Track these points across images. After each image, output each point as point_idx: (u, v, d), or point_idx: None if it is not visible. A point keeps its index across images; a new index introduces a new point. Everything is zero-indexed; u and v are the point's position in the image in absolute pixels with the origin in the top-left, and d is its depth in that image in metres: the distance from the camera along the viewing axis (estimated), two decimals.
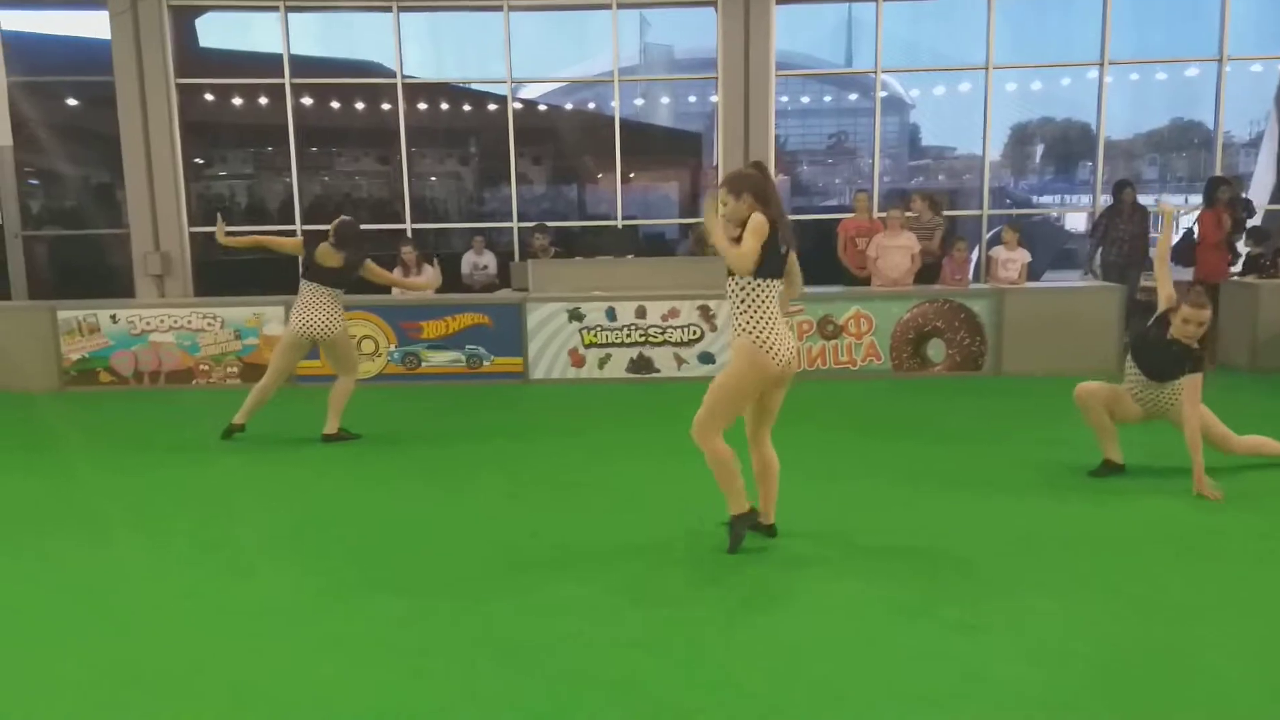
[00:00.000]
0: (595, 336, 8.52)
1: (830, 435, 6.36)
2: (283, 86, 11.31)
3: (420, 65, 12.10)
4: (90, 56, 11.23)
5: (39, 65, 11.37)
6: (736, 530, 4.13)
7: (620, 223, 11.62)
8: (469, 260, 10.43)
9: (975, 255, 11.06)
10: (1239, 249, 9.67)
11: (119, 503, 5.16)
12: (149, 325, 8.59)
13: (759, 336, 3.91)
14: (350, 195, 13.33)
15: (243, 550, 4.39)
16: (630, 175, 12.48)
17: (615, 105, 11.56)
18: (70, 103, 12.24)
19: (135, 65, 10.91)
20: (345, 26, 12.15)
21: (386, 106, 11.70)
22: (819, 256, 11.20)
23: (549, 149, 13.53)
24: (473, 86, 12.98)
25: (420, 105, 12.20)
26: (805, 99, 14.42)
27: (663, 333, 8.50)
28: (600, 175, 12.95)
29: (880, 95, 11.61)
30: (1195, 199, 11.48)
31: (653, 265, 9.93)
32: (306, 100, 11.73)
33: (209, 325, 8.59)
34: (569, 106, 13.73)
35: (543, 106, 13.62)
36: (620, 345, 8.53)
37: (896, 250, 9.11)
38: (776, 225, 3.84)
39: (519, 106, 11.99)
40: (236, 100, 12.04)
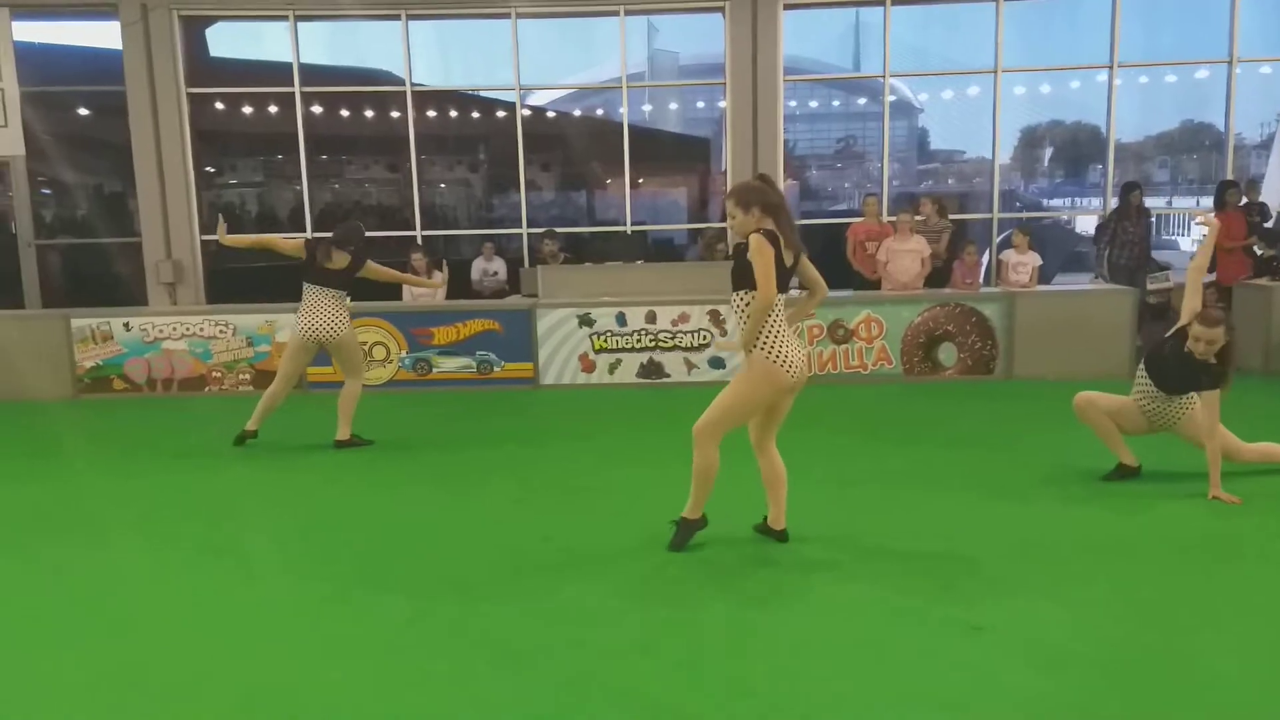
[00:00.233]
0: (605, 342, 8.53)
1: (841, 439, 6.35)
2: (293, 95, 11.36)
3: (429, 73, 12.15)
4: (102, 66, 11.31)
5: (51, 75, 11.47)
6: (683, 532, 4.28)
7: (629, 228, 11.63)
8: (479, 266, 10.46)
9: (986, 259, 11.04)
10: (1256, 251, 9.61)
11: (131, 508, 5.19)
12: (161, 333, 8.64)
13: (772, 350, 3.95)
14: (360, 203, 13.39)
15: (251, 555, 4.41)
16: (639, 181, 12.50)
17: (624, 111, 11.58)
18: (82, 112, 12.32)
19: (146, 75, 10.99)
20: (354, 35, 12.20)
21: (396, 114, 11.75)
22: (829, 261, 11.21)
23: (558, 155, 13.56)
24: (481, 94, 13.03)
25: (429, 113, 12.24)
26: (814, 103, 14.43)
27: (673, 338, 8.50)
28: (609, 181, 12.97)
29: (889, 99, 11.61)
30: (1206, 202, 11.45)
31: (662, 270, 9.95)
32: (316, 108, 11.78)
33: (221, 332, 8.63)
34: (577, 113, 13.76)
35: (551, 113, 13.65)
36: (630, 350, 8.53)
37: (906, 254, 9.09)
38: (779, 237, 3.88)
39: (527, 113, 12.02)
40: (247, 109, 12.11)
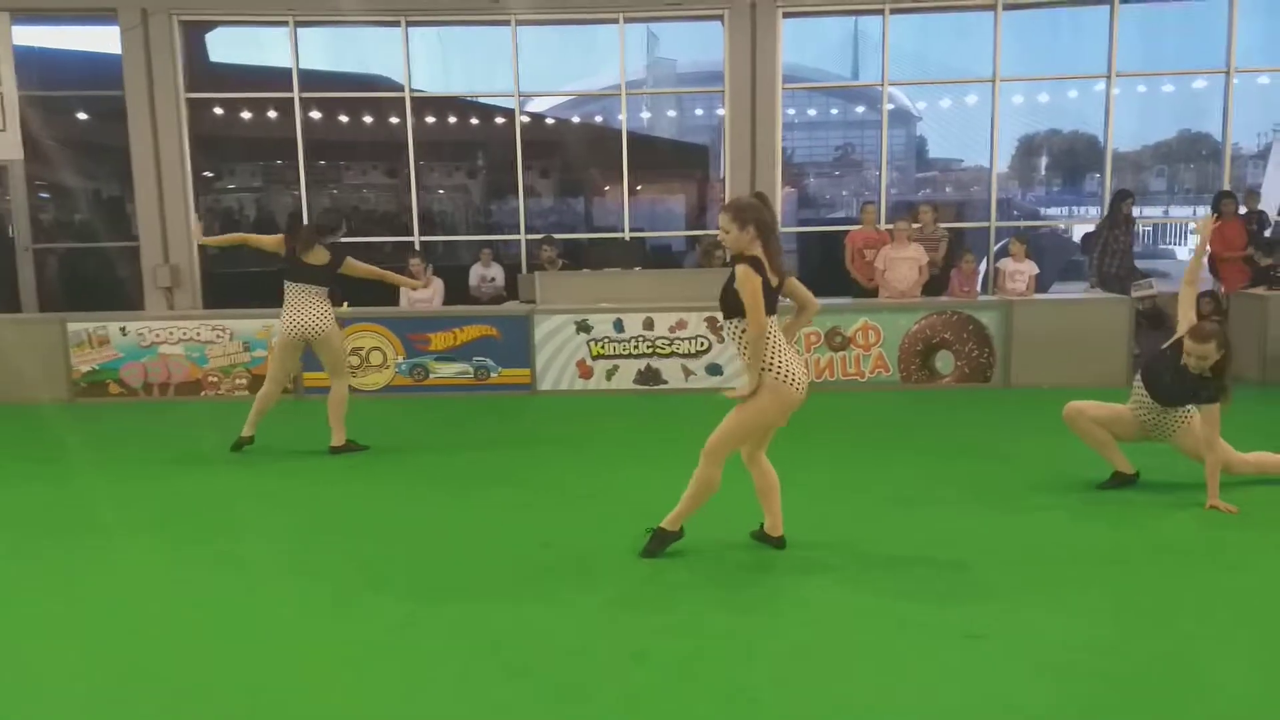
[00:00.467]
0: (603, 348, 8.52)
1: (838, 447, 6.34)
2: (291, 100, 11.37)
3: (428, 79, 12.16)
4: (101, 71, 11.32)
5: (50, 80, 11.47)
6: (659, 541, 4.27)
7: (627, 235, 11.64)
8: (476, 272, 10.46)
9: (983, 267, 11.05)
10: (1257, 260, 9.61)
11: (129, 512, 5.17)
12: (158, 337, 8.63)
13: (778, 370, 3.99)
14: (359, 208, 13.39)
15: (250, 559, 4.39)
16: (637, 188, 12.51)
17: (622, 118, 11.59)
18: (81, 117, 12.32)
19: (146, 79, 11.00)
20: (354, 41, 12.22)
21: (394, 120, 11.76)
22: (826, 268, 11.24)
23: (556, 162, 13.58)
24: (480, 100, 13.04)
25: (428, 119, 12.25)
26: (812, 111, 14.45)
27: (670, 344, 8.50)
28: (607, 188, 12.98)
29: (887, 108, 11.63)
30: (1203, 212, 11.46)
31: (660, 277, 9.94)
32: (315, 114, 11.79)
33: (218, 337, 8.62)
34: (576, 119, 13.78)
35: (550, 120, 13.67)
36: (628, 357, 8.53)
37: (904, 262, 9.10)
38: (763, 263, 3.93)
39: (526, 120, 12.03)
40: (246, 114, 12.12)
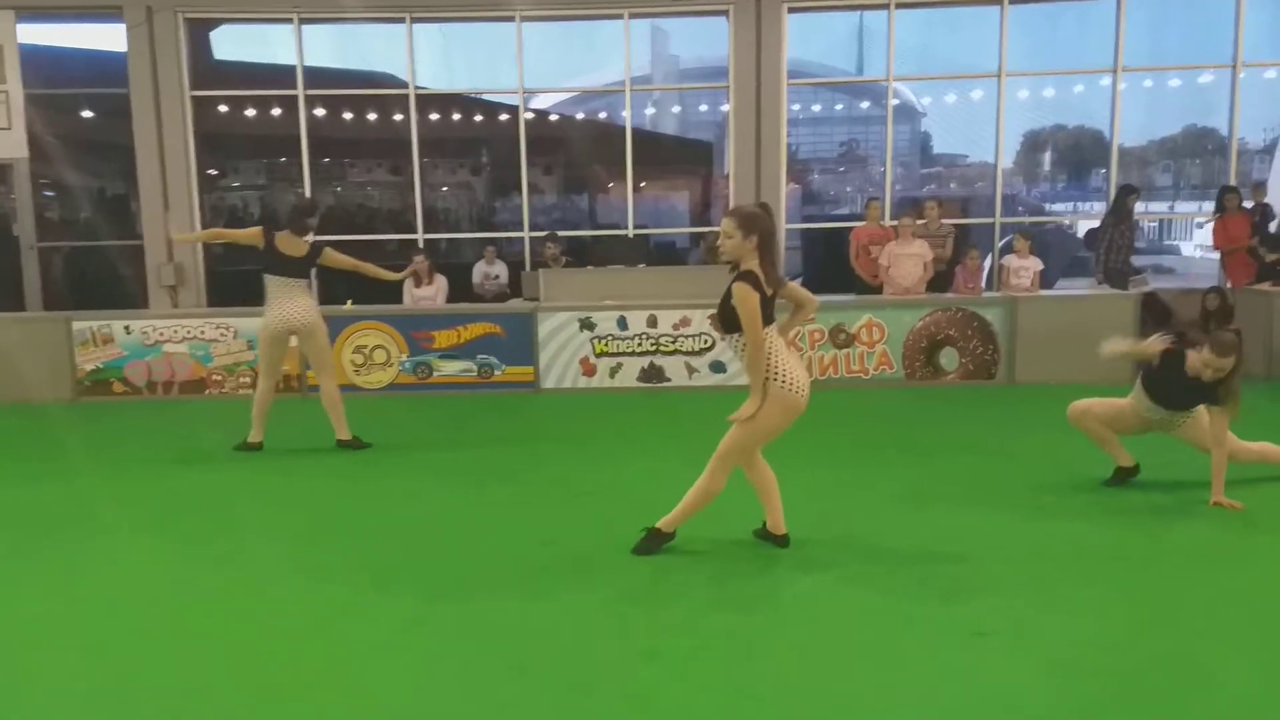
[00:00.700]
0: (606, 346, 8.52)
1: (842, 444, 6.33)
2: (296, 98, 11.37)
3: (432, 76, 12.15)
4: (106, 69, 11.33)
5: (55, 78, 11.48)
6: (652, 541, 4.29)
7: (631, 232, 11.63)
8: (480, 270, 10.45)
9: (988, 263, 11.02)
10: (1260, 255, 9.57)
11: (134, 511, 5.18)
12: (162, 336, 8.64)
13: (782, 379, 4.01)
14: (363, 205, 13.40)
15: (254, 559, 4.40)
16: (641, 184, 12.49)
17: (626, 115, 11.57)
18: (86, 115, 12.34)
19: (150, 77, 11.00)
20: (358, 38, 12.21)
21: (399, 117, 11.75)
22: (831, 264, 11.21)
23: (560, 159, 13.56)
24: (484, 97, 13.03)
25: (432, 116, 12.24)
26: (817, 107, 14.41)
27: (674, 342, 8.48)
28: (611, 185, 12.96)
29: (892, 103, 11.60)
30: (1208, 206, 11.42)
31: (664, 274, 9.94)
32: (319, 111, 11.78)
33: (222, 336, 8.63)
34: (580, 116, 13.76)
35: (554, 116, 13.65)
36: (631, 354, 8.52)
37: (909, 258, 9.08)
38: (760, 279, 3.94)
39: (530, 116, 12.02)
40: (250, 111, 12.12)
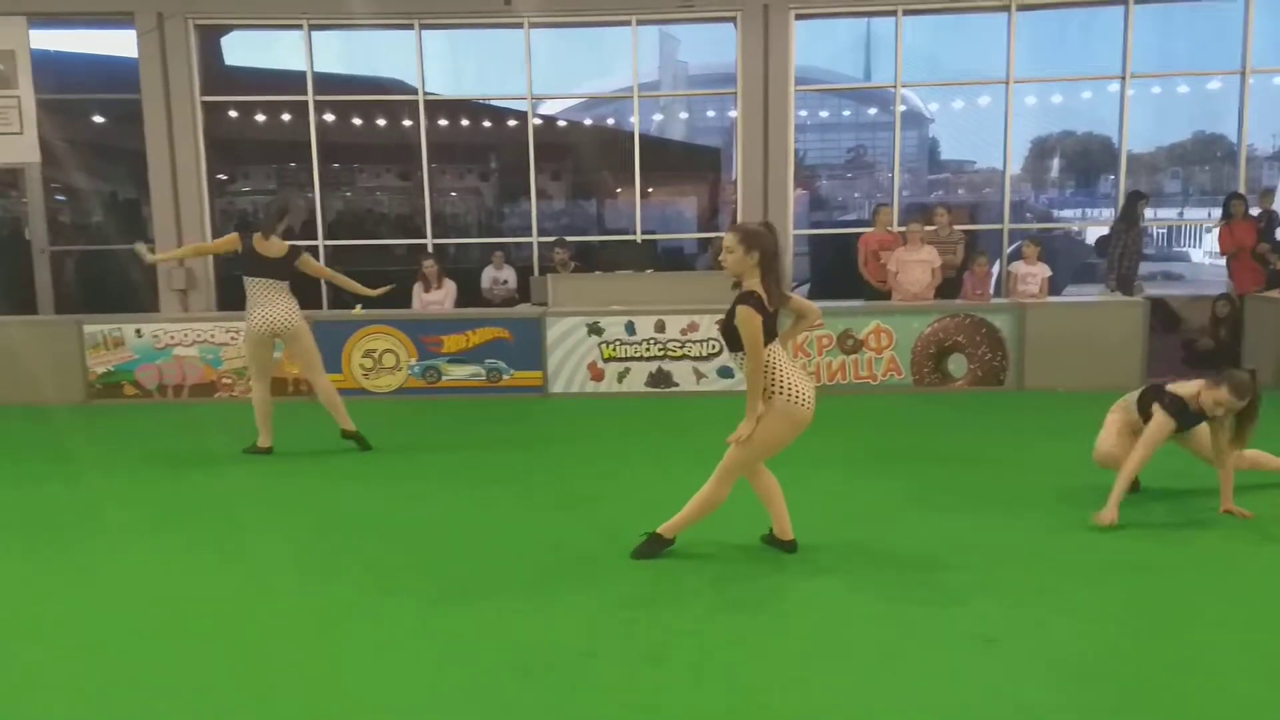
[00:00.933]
0: (614, 350, 8.53)
1: (850, 450, 6.32)
2: (305, 103, 11.43)
3: (441, 82, 12.20)
4: (117, 74, 11.40)
5: (67, 83, 11.56)
6: (652, 546, 4.31)
7: (639, 237, 11.65)
8: (489, 275, 10.48)
9: (996, 270, 11.02)
10: (1267, 260, 9.56)
11: (144, 512, 5.21)
12: (173, 339, 8.68)
13: (787, 392, 4.03)
14: (372, 211, 13.45)
15: (263, 561, 4.42)
16: (649, 190, 12.52)
17: (634, 120, 11.60)
18: (97, 120, 12.42)
19: (161, 83, 11.06)
20: (367, 44, 12.28)
21: (408, 123, 11.80)
22: (838, 270, 11.22)
23: (568, 164, 13.60)
24: (493, 103, 13.08)
25: (441, 121, 12.29)
26: (824, 113, 14.45)
27: (682, 346, 8.50)
28: (619, 190, 12.99)
29: (900, 109, 11.60)
30: (1217, 213, 11.39)
31: (672, 279, 9.95)
32: (329, 117, 11.84)
33: (232, 339, 8.66)
34: (588, 122, 13.80)
35: (562, 122, 13.69)
36: (639, 359, 8.53)
37: (917, 265, 9.08)
38: (763, 298, 3.97)
39: (539, 122, 12.06)
40: (260, 117, 12.18)
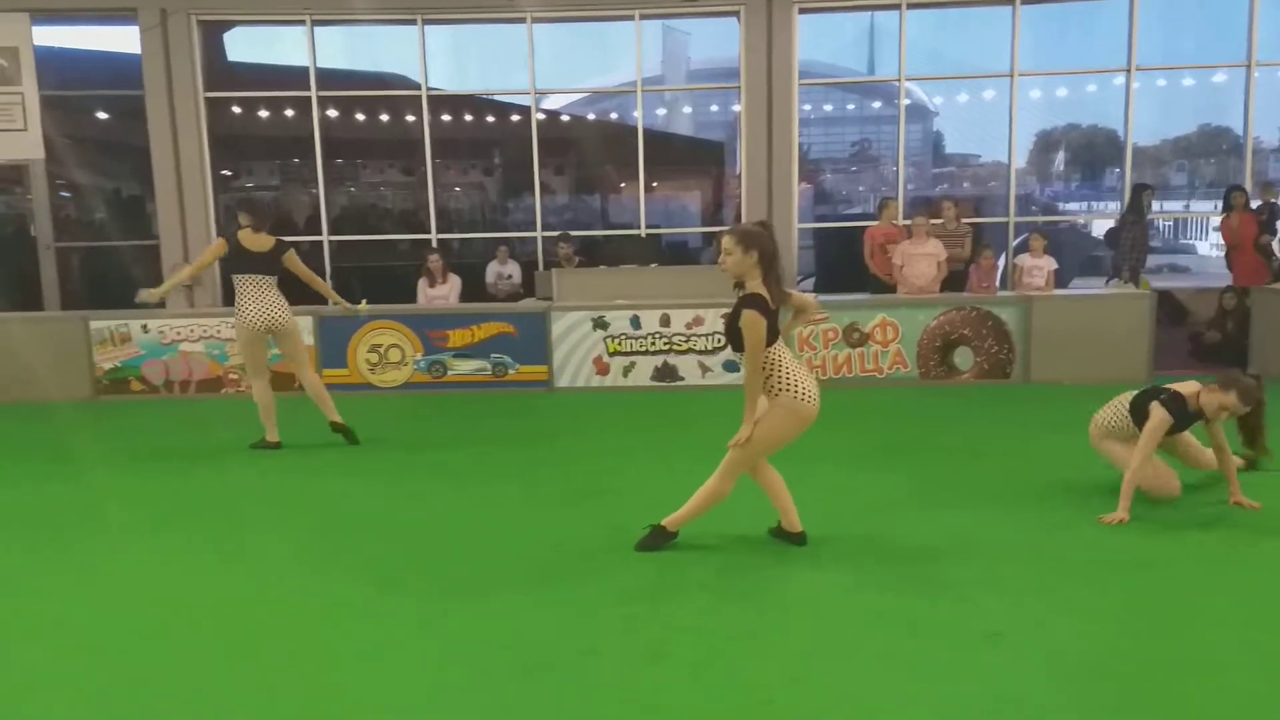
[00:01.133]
0: (620, 345, 8.53)
1: (856, 443, 6.30)
2: (309, 99, 11.43)
3: (444, 77, 12.20)
4: (121, 71, 11.41)
5: (71, 80, 11.57)
6: (656, 539, 4.33)
7: (644, 231, 11.64)
8: (493, 270, 10.48)
9: (1002, 263, 11.00)
10: (1269, 252, 9.55)
11: (149, 509, 5.21)
12: (179, 335, 8.69)
13: (792, 390, 4.04)
14: (376, 206, 13.45)
15: (264, 557, 4.41)
16: (653, 184, 12.51)
17: (638, 115, 11.59)
18: (101, 116, 12.42)
19: (165, 79, 11.07)
20: (370, 39, 12.26)
21: (411, 118, 11.79)
22: (842, 264, 11.21)
23: (572, 159, 13.60)
24: (496, 98, 13.07)
25: (444, 117, 12.29)
26: (828, 107, 14.41)
27: (687, 341, 8.49)
28: (623, 185, 12.99)
29: (904, 103, 11.58)
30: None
31: (676, 274, 9.94)
32: (332, 112, 11.84)
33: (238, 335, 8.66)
34: (592, 117, 13.80)
35: (566, 117, 13.69)
36: (645, 353, 8.53)
37: (922, 258, 9.06)
38: (767, 301, 3.99)
39: (542, 117, 12.05)
40: (263, 113, 12.18)
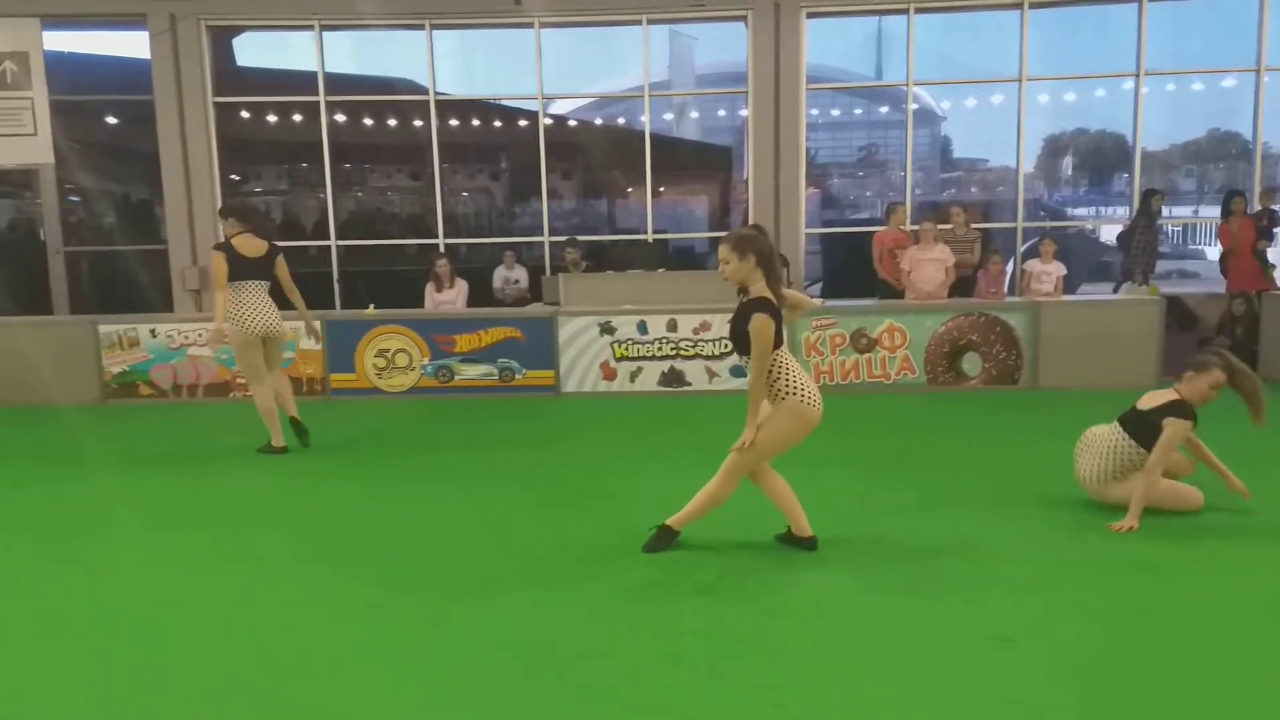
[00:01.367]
0: (626, 350, 8.52)
1: (864, 448, 6.30)
2: (317, 104, 11.47)
3: (452, 82, 12.22)
4: (130, 76, 11.47)
5: (80, 84, 11.63)
6: (663, 539, 4.35)
7: (651, 236, 11.64)
8: (500, 274, 10.49)
9: (1010, 268, 10.97)
10: (1267, 259, 9.54)
11: (158, 511, 5.22)
12: (187, 339, 8.71)
13: (799, 394, 4.05)
14: (383, 210, 13.47)
15: (272, 559, 4.41)
16: (660, 189, 12.51)
17: (645, 120, 11.59)
18: (110, 121, 12.47)
19: (174, 84, 11.12)
20: (378, 45, 12.30)
21: (419, 123, 11.82)
22: (850, 269, 11.19)
23: (579, 164, 13.59)
24: (504, 102, 13.09)
25: (452, 121, 12.30)
26: (836, 112, 14.39)
27: (694, 346, 8.48)
28: (630, 189, 12.99)
29: (912, 108, 11.56)
30: None
31: (684, 279, 9.93)
32: (340, 117, 11.88)
33: None
34: (599, 121, 13.80)
35: (573, 122, 13.69)
36: (652, 358, 8.52)
37: (930, 263, 9.05)
38: (773, 301, 4.00)
39: (549, 122, 12.06)
40: (272, 117, 12.22)
